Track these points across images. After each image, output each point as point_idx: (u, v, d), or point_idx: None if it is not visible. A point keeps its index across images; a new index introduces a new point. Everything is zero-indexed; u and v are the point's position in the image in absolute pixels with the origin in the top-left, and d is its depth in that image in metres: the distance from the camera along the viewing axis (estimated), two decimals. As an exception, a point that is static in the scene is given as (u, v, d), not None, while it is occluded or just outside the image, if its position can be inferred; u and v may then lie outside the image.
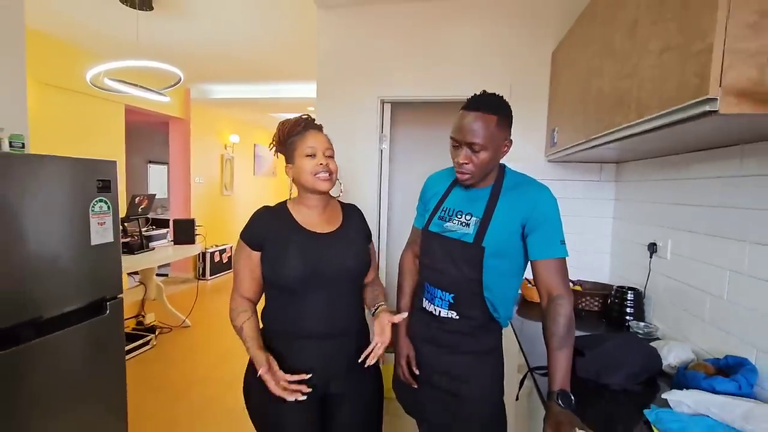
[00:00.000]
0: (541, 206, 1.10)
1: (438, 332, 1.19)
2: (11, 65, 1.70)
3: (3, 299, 1.24)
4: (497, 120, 1.07)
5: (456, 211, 1.19)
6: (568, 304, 1.06)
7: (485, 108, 1.07)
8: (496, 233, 1.10)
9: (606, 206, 2.17)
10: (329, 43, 2.45)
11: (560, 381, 1.01)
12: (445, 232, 1.18)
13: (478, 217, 1.13)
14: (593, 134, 1.43)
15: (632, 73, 1.16)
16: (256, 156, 7.57)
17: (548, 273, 1.08)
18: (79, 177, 1.43)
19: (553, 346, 1.04)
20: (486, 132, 1.06)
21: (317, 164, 1.15)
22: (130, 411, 1.79)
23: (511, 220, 1.11)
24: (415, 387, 1.25)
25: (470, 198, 1.18)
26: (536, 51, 2.21)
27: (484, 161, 1.09)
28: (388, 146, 2.54)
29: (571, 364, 1.04)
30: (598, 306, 1.89)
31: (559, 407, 0.98)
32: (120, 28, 3.19)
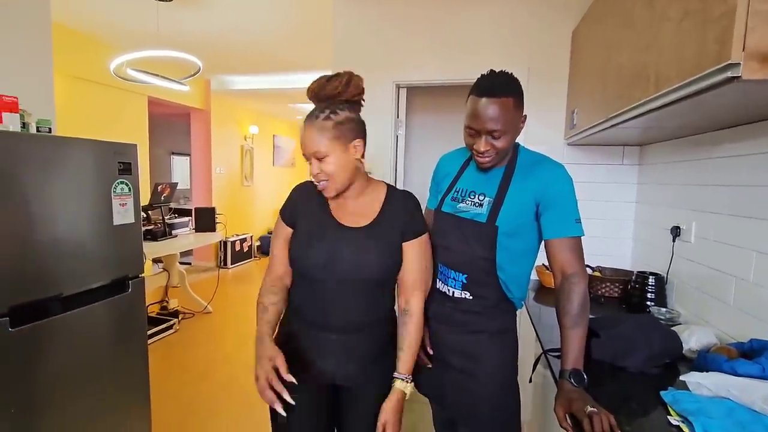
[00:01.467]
0: (555, 184, 1.07)
1: (452, 312, 1.19)
2: (38, 56, 1.78)
3: (29, 275, 1.30)
4: (513, 101, 1.03)
5: (469, 192, 1.17)
6: (583, 283, 1.04)
7: (500, 91, 1.02)
8: (509, 212, 1.09)
9: (629, 190, 2.11)
10: (344, 29, 2.45)
11: (573, 360, 1.00)
12: (458, 212, 1.17)
13: (491, 197, 1.12)
14: (612, 112, 1.39)
15: (651, 45, 1.11)
16: (275, 147, 7.66)
17: (562, 252, 1.06)
18: (102, 159, 1.49)
19: (566, 324, 1.02)
20: (505, 117, 1.02)
21: (312, 172, 1.04)
22: (153, 391, 1.86)
23: (525, 199, 1.09)
24: (429, 366, 1.25)
25: (483, 178, 1.16)
26: (555, 31, 2.15)
27: (506, 146, 1.07)
28: (403, 131, 2.52)
29: (584, 343, 1.01)
30: (618, 292, 1.85)
31: (571, 386, 0.96)
32: (141, 19, 3.26)
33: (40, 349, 1.33)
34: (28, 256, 1.28)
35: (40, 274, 1.32)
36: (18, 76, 1.66)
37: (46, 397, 1.36)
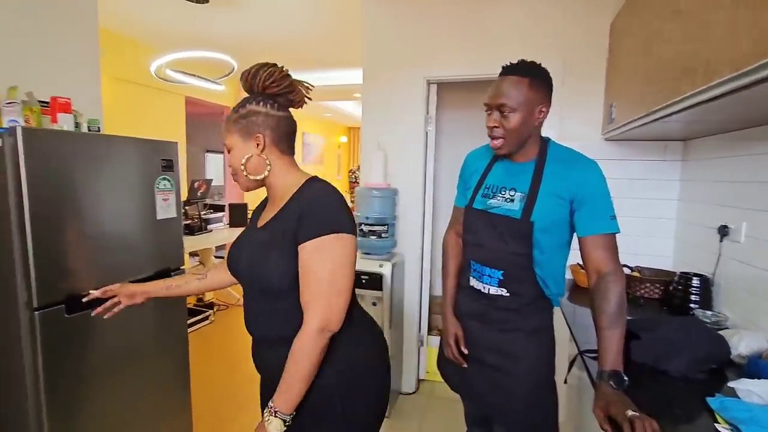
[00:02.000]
0: (589, 181, 1.06)
1: (487, 309, 1.18)
2: (87, 60, 1.89)
3: (81, 266, 1.38)
4: (529, 82, 1.04)
5: (499, 188, 1.16)
6: (620, 282, 1.01)
7: (516, 72, 1.06)
8: (543, 208, 1.07)
9: (670, 187, 2.02)
10: (374, 26, 2.45)
11: (611, 361, 0.96)
12: (490, 209, 1.16)
13: (522, 192, 1.10)
14: (655, 106, 1.33)
15: (700, 35, 1.05)
16: (304, 144, 7.79)
17: (597, 249, 1.04)
18: (146, 156, 1.57)
19: (603, 325, 0.99)
20: (516, 93, 1.03)
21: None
22: (194, 376, 1.95)
23: (558, 195, 1.07)
24: (465, 366, 1.24)
25: (513, 173, 1.15)
26: (591, 24, 2.07)
27: (515, 125, 1.05)
28: (434, 128, 2.51)
29: (623, 345, 0.98)
30: (659, 294, 1.77)
31: (610, 388, 0.93)
32: (178, 22, 3.38)
33: (91, 334, 1.42)
34: (81, 249, 1.37)
35: (91, 265, 1.41)
36: (69, 78, 1.77)
37: (95, 378, 1.45)
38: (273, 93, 0.95)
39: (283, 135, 0.96)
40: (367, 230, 2.28)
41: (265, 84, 0.94)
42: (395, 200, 2.41)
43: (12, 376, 1.29)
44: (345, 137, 9.86)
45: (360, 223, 2.31)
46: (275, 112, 0.94)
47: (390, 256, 2.36)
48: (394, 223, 2.39)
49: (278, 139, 0.95)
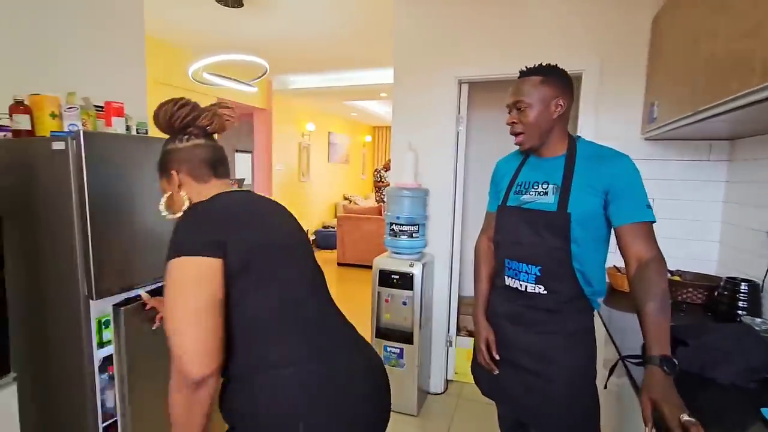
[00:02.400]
0: (623, 172, 1.07)
1: (523, 309, 1.17)
2: (135, 65, 1.99)
3: (133, 263, 1.45)
4: (541, 78, 1.11)
5: (532, 183, 1.17)
6: (663, 269, 1.01)
7: (530, 73, 1.13)
8: (578, 199, 1.08)
9: (715, 189, 1.94)
10: (405, 26, 2.46)
11: (663, 346, 0.92)
12: (524, 204, 1.16)
13: (555, 183, 1.12)
14: (703, 105, 1.28)
15: (755, 31, 1.01)
16: (330, 143, 7.87)
17: (636, 238, 1.04)
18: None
19: (650, 311, 0.95)
20: (530, 90, 1.10)
21: None
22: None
23: (593, 187, 1.08)
24: (496, 372, 1.23)
25: (544, 168, 1.16)
26: (630, 19, 2.02)
27: (532, 120, 1.11)
28: (464, 128, 2.50)
29: (669, 330, 0.95)
30: (702, 299, 1.71)
31: (662, 374, 0.87)
32: (213, 26, 3.48)
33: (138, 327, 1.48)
34: (134, 246, 1.44)
35: (142, 262, 1.47)
36: (118, 83, 1.87)
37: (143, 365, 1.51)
38: (180, 126, 0.93)
39: (200, 163, 0.93)
40: (397, 230, 2.30)
41: (169, 121, 0.93)
42: (426, 200, 2.41)
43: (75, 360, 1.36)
44: (370, 137, 9.91)
45: (390, 222, 2.32)
46: (184, 144, 0.93)
47: (420, 256, 2.37)
48: (425, 223, 2.39)
49: (195, 169, 0.93)
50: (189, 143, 0.93)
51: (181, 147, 0.93)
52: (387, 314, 2.30)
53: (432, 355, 2.54)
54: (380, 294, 2.29)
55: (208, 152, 0.94)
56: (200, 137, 0.95)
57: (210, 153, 0.95)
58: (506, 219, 1.22)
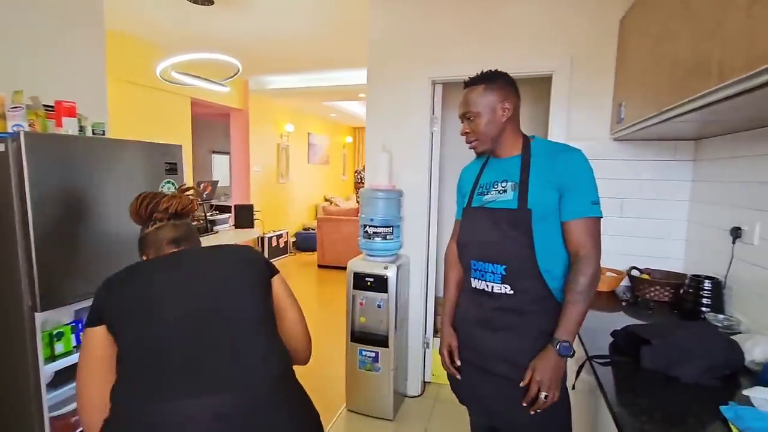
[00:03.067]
0: (573, 167, 1.11)
1: (492, 313, 1.17)
2: (93, 62, 1.89)
3: (81, 271, 1.38)
4: (484, 87, 1.16)
5: (492, 183, 1.21)
6: (594, 264, 1.08)
7: (472, 83, 1.18)
8: (537, 195, 1.11)
9: (681, 188, 1.98)
10: (380, 26, 2.44)
11: (565, 331, 1.05)
12: (486, 203, 1.19)
13: (514, 181, 1.15)
14: (666, 105, 1.30)
15: (714, 33, 1.03)
16: (310, 144, 7.79)
17: (578, 232, 1.09)
18: (150, 159, 1.57)
19: (569, 299, 1.07)
20: (475, 99, 1.16)
21: None
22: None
23: (549, 182, 1.11)
24: (458, 378, 1.25)
25: (502, 167, 1.20)
26: (599, 20, 2.04)
27: (482, 128, 1.16)
28: (439, 129, 2.49)
29: (581, 321, 1.07)
30: (669, 297, 1.74)
31: (555, 354, 1.04)
32: (184, 23, 3.39)
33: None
34: (84, 253, 1.37)
35: (95, 269, 1.40)
36: (74, 81, 1.78)
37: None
38: (147, 215, 1.02)
39: (163, 244, 1.01)
40: (371, 232, 2.27)
41: (137, 214, 1.03)
42: (400, 202, 2.39)
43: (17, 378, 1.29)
44: (350, 137, 9.86)
45: (365, 224, 2.29)
46: (150, 229, 1.02)
47: (395, 258, 2.34)
48: (400, 224, 2.37)
49: (159, 250, 1.01)
50: (153, 227, 1.02)
51: (148, 232, 1.02)
52: (362, 317, 2.27)
53: (409, 357, 2.52)
54: (355, 297, 2.26)
55: (170, 231, 1.01)
56: (165, 219, 1.02)
57: (173, 232, 1.01)
58: (470, 220, 1.23)
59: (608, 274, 1.93)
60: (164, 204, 1.02)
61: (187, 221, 1.06)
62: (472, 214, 1.23)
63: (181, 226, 1.03)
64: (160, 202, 1.02)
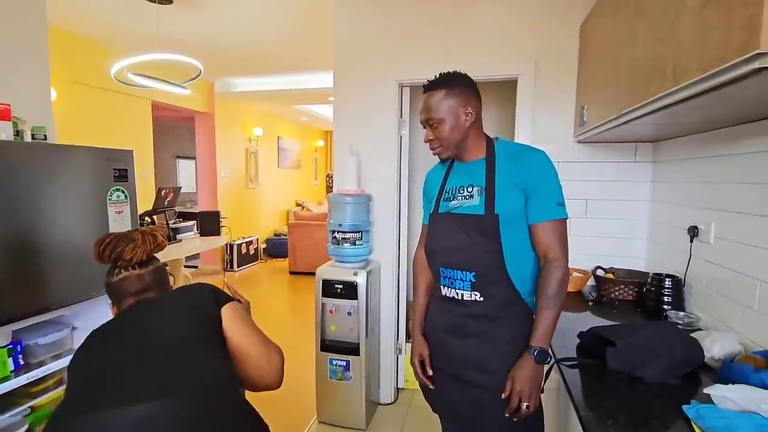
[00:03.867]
0: (537, 169, 1.10)
1: (463, 320, 1.15)
2: (35, 62, 1.75)
3: (22, 287, 1.27)
4: (445, 92, 1.12)
5: (458, 188, 1.18)
6: (563, 267, 1.08)
7: (433, 87, 1.14)
8: (503, 199, 1.10)
9: (642, 188, 2.03)
10: (346, 29, 2.40)
11: (540, 338, 1.05)
12: (452, 209, 1.17)
13: (480, 185, 1.13)
14: (625, 108, 1.32)
15: (668, 36, 1.04)
16: (280, 149, 7.65)
17: (545, 235, 1.09)
18: (96, 166, 1.46)
19: (540, 304, 1.07)
20: (437, 105, 1.11)
21: None
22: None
23: (513, 186, 1.10)
24: (431, 388, 1.22)
25: (467, 171, 1.18)
26: (563, 25, 2.08)
27: (445, 133, 1.13)
28: (407, 132, 2.47)
29: (555, 325, 1.07)
30: (633, 295, 1.78)
31: (533, 362, 1.04)
32: (141, 22, 3.24)
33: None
34: (22, 268, 1.25)
35: (35, 284, 1.29)
36: (13, 82, 1.63)
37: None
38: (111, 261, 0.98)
39: (126, 297, 0.98)
40: (340, 238, 2.22)
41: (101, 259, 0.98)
42: (369, 206, 2.35)
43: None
44: (322, 141, 9.75)
45: (333, 230, 2.24)
46: (114, 279, 0.98)
47: (365, 263, 2.30)
48: (369, 229, 2.33)
49: (122, 304, 0.98)
50: (117, 278, 0.98)
51: (113, 282, 0.98)
52: (332, 326, 2.21)
53: (381, 364, 2.48)
54: (324, 305, 2.20)
55: (134, 284, 0.98)
56: (130, 268, 0.98)
57: (137, 284, 0.98)
58: (437, 226, 1.21)
59: (575, 274, 1.96)
60: (128, 254, 0.97)
61: (154, 265, 1.02)
62: (439, 221, 1.20)
63: (146, 275, 0.99)
64: (123, 251, 0.97)
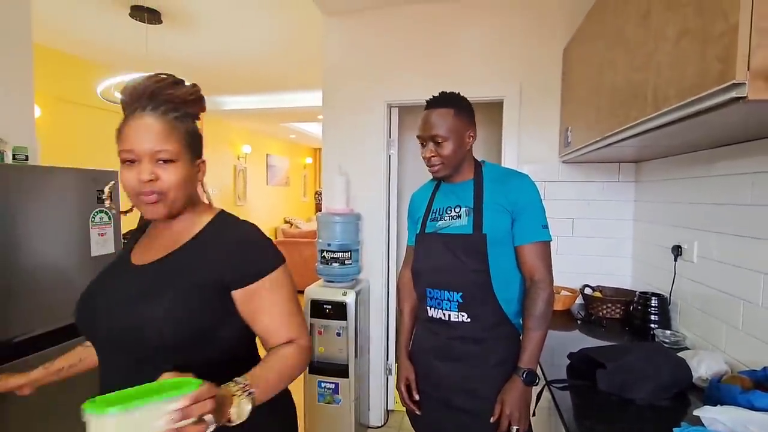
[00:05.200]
0: (523, 193, 1.12)
1: (450, 342, 1.14)
2: (18, 80, 1.73)
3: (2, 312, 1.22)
4: (454, 112, 1.12)
5: (445, 208, 1.19)
6: (548, 288, 1.09)
7: (441, 104, 1.13)
8: (491, 219, 1.11)
9: (626, 208, 2.07)
10: (335, 50, 2.43)
11: (528, 359, 1.06)
12: (440, 229, 1.17)
13: (468, 206, 1.14)
14: (608, 131, 1.36)
15: (647, 64, 1.08)
16: (268, 166, 7.63)
17: (531, 257, 1.10)
18: (80, 188, 1.43)
19: (528, 326, 1.08)
20: (445, 123, 1.11)
21: (138, 179, 0.73)
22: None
23: (500, 208, 1.12)
24: (418, 413, 1.20)
25: (455, 192, 1.19)
26: (546, 49, 2.14)
27: (449, 152, 1.12)
28: (396, 151, 2.49)
29: (542, 346, 1.08)
30: (620, 313, 1.79)
31: (522, 384, 1.04)
32: (130, 42, 3.24)
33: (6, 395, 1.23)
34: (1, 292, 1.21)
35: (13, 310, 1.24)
36: (-5, 101, 1.61)
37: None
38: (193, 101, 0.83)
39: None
40: (329, 257, 2.20)
41: (188, 95, 0.81)
42: (358, 225, 2.35)
43: None
44: (310, 158, 9.77)
45: (322, 249, 2.22)
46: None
47: (354, 283, 2.28)
48: (358, 248, 2.32)
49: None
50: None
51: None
52: (320, 347, 2.17)
53: (371, 386, 2.44)
54: (313, 326, 2.16)
55: None
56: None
57: None
58: (424, 246, 1.20)
59: (563, 293, 1.97)
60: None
61: None
62: (425, 241, 1.20)
63: None
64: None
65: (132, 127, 0.75)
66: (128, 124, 0.76)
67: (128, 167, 0.75)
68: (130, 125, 0.75)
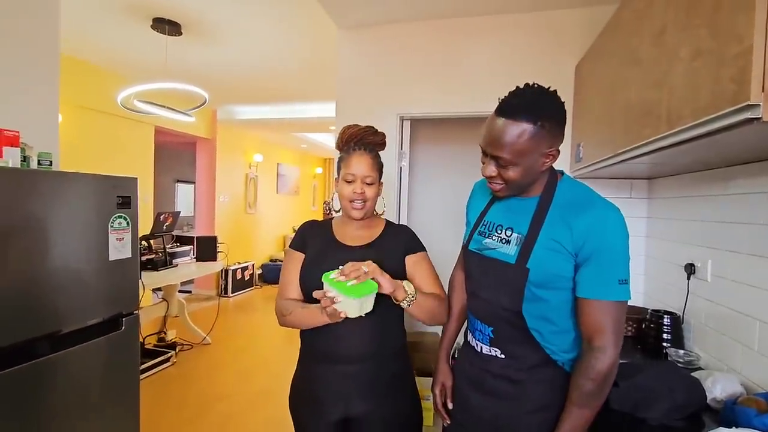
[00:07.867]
0: (597, 234, 0.86)
1: (482, 374, 1.01)
2: (44, 89, 1.79)
3: (24, 312, 1.25)
4: (532, 129, 0.84)
5: (496, 225, 1.00)
6: (612, 358, 0.85)
7: (515, 114, 0.85)
8: (542, 255, 0.90)
9: (638, 224, 2.06)
10: (348, 63, 2.48)
11: None
12: (483, 250, 1.01)
13: (520, 233, 0.93)
14: (621, 148, 1.36)
15: (661, 83, 1.09)
16: (279, 175, 7.71)
17: (596, 316, 0.86)
18: (100, 193, 1.47)
19: (573, 400, 0.87)
20: (515, 145, 0.85)
21: (353, 192, 1.13)
22: (148, 429, 1.77)
23: (558, 248, 0.89)
24: (448, 422, 1.13)
25: (513, 209, 0.98)
26: (558, 64, 2.16)
27: (516, 178, 0.90)
28: (407, 163, 2.51)
29: (586, 427, 0.88)
30: (632, 331, 1.77)
31: None
32: (150, 52, 3.34)
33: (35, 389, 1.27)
34: (23, 294, 1.24)
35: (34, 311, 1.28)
36: (22, 107, 1.67)
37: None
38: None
39: None
40: (339, 267, 2.20)
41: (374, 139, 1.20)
42: (369, 235, 2.36)
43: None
44: (320, 168, 9.85)
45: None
46: None
47: (363, 293, 2.28)
48: (368, 259, 2.32)
49: None
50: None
51: None
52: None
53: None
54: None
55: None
56: None
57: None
58: (468, 265, 1.09)
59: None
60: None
61: None
62: (468, 257, 1.08)
63: None
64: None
65: (354, 159, 1.14)
66: (352, 156, 1.14)
67: (347, 184, 1.14)
68: (353, 157, 1.14)
